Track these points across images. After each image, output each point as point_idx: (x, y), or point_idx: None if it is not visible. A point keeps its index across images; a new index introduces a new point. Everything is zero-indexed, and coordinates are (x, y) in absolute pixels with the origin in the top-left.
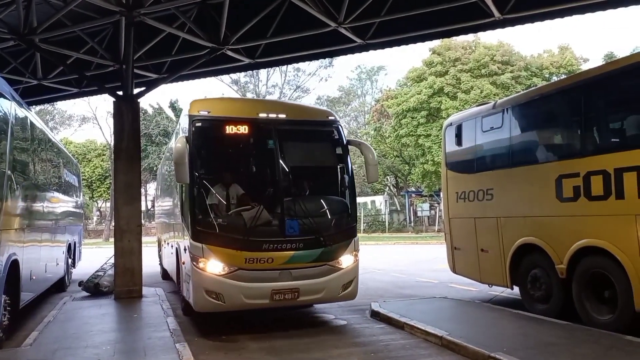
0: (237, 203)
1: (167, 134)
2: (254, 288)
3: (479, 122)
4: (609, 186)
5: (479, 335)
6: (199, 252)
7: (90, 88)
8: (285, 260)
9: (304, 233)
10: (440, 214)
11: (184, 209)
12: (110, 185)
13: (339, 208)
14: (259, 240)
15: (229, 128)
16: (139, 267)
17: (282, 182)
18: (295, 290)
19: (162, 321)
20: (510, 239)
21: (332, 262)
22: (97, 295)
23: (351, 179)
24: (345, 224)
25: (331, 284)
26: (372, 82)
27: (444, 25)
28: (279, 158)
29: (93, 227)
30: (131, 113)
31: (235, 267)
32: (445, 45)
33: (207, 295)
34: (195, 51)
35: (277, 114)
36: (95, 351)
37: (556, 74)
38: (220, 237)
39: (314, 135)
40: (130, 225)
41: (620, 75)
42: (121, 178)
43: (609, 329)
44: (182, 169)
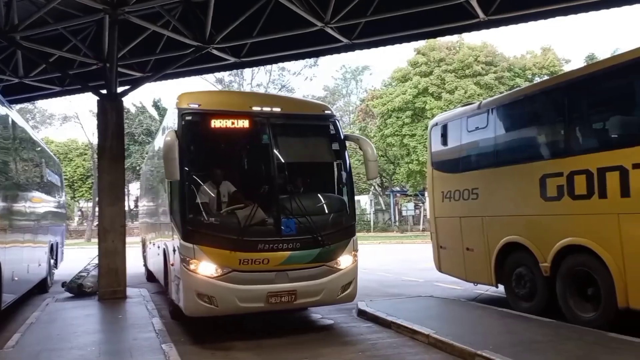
0: (230, 201)
1: (150, 133)
2: (249, 291)
3: (464, 122)
4: (592, 185)
5: (465, 333)
6: (190, 253)
7: (73, 87)
8: (282, 261)
9: (301, 232)
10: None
11: (173, 207)
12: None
13: (337, 206)
14: (253, 240)
15: (221, 122)
16: (123, 268)
17: (277, 179)
18: (292, 292)
19: (147, 322)
20: (495, 238)
21: (330, 262)
22: (81, 296)
23: (349, 176)
24: (343, 223)
25: (330, 286)
26: (357, 82)
27: (430, 26)
28: (273, 153)
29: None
30: (115, 112)
31: (229, 268)
32: (429, 46)
33: (199, 299)
34: (180, 50)
35: (272, 107)
36: (80, 352)
37: (539, 75)
38: (213, 237)
39: (310, 129)
40: (114, 225)
41: (602, 77)
42: (105, 177)
43: (592, 326)
44: (171, 165)
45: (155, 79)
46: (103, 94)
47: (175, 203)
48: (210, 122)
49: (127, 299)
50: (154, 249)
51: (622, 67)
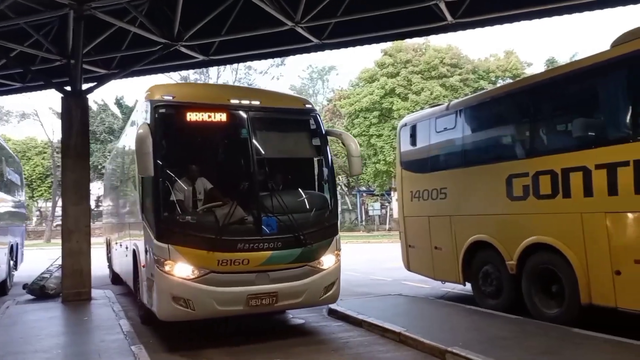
0: (207, 198)
1: (112, 132)
2: (228, 293)
3: (432, 123)
4: (557, 185)
5: (434, 331)
6: (164, 253)
7: (35, 83)
8: (263, 261)
9: (283, 231)
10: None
11: (146, 205)
12: (52, 184)
13: (320, 203)
14: (232, 240)
15: (197, 115)
16: (87, 269)
17: (257, 175)
18: (273, 294)
19: (114, 324)
20: (462, 237)
21: (312, 262)
22: (43, 298)
23: (331, 172)
24: (326, 221)
25: (312, 287)
26: (324, 82)
27: (399, 28)
28: (253, 148)
29: (33, 228)
30: (80, 109)
31: (207, 269)
32: (396, 47)
33: (175, 302)
34: (147, 47)
35: (250, 100)
36: (46, 355)
37: (502, 77)
38: (189, 237)
39: (290, 124)
40: (79, 225)
41: (565, 80)
42: (69, 176)
43: (556, 322)
44: (145, 160)
45: (121, 76)
46: (67, 91)
47: (148, 201)
48: (186, 115)
49: (92, 300)
50: (120, 249)
51: (583, 71)
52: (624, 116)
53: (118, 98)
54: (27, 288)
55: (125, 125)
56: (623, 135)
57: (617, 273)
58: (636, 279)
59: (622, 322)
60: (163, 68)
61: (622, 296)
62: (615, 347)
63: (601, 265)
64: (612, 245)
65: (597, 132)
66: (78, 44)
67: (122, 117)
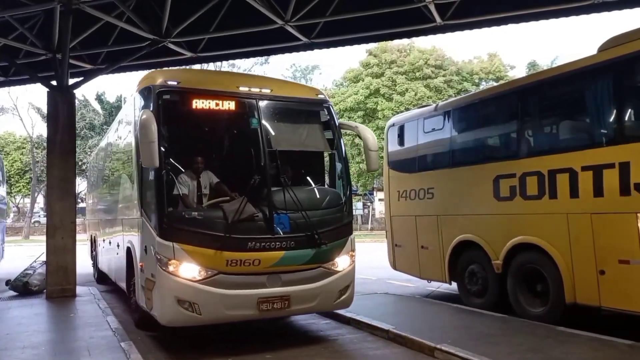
0: (213, 193)
1: (93, 128)
2: (238, 296)
3: (420, 124)
4: (543, 186)
5: (423, 328)
6: (169, 252)
7: (20, 77)
8: (275, 262)
9: (296, 230)
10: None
11: (146, 199)
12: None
13: (334, 200)
14: (243, 238)
15: (204, 103)
16: (72, 265)
17: (268, 169)
18: (285, 298)
19: (102, 320)
20: (449, 236)
21: (327, 264)
22: (27, 294)
23: (345, 167)
24: (341, 219)
25: (326, 290)
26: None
27: (388, 28)
28: (263, 140)
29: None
30: (66, 105)
31: (215, 270)
32: (381, 48)
33: (179, 306)
34: (135, 42)
35: (261, 89)
36: (35, 352)
37: (485, 79)
38: (196, 235)
39: (303, 115)
40: (64, 221)
41: (553, 83)
42: (55, 172)
43: (541, 321)
44: (149, 149)
45: (108, 71)
46: (54, 85)
47: (149, 194)
48: (191, 103)
49: (76, 297)
50: (109, 247)
51: (571, 75)
52: (609, 119)
53: (99, 94)
54: (9, 284)
55: (112, 120)
56: (609, 138)
57: (601, 273)
58: (620, 279)
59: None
60: (150, 64)
61: (605, 296)
62: (600, 344)
63: (586, 265)
64: (596, 245)
65: (583, 135)
66: (65, 38)
67: (103, 112)
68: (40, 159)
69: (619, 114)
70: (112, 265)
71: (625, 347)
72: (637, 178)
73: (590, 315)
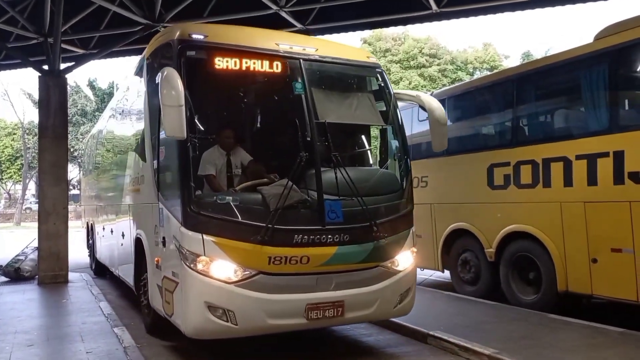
0: (248, 174)
1: (85, 114)
2: (283, 302)
3: (415, 112)
4: (537, 175)
5: (416, 315)
6: (197, 247)
7: (11, 61)
8: (326, 259)
9: (351, 220)
10: None
11: (166, 181)
12: (22, 166)
13: (393, 184)
14: (288, 230)
15: (237, 63)
16: (65, 251)
17: (316, 146)
18: (339, 304)
19: (94, 306)
20: (442, 225)
21: (386, 262)
22: (19, 280)
23: (404, 145)
24: (401, 208)
25: (386, 294)
26: None
27: (383, 15)
28: (310, 110)
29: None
30: (58, 89)
31: (254, 270)
32: (376, 36)
33: (211, 314)
34: (127, 27)
35: (304, 47)
36: (27, 337)
37: (479, 69)
38: (232, 225)
39: (354, 81)
40: (57, 207)
41: (548, 72)
42: (46, 157)
43: (533, 309)
44: (175, 115)
45: (100, 56)
46: (45, 70)
47: (170, 175)
48: (222, 62)
49: (69, 283)
50: (112, 237)
51: (566, 63)
52: (604, 107)
53: (91, 80)
54: (1, 270)
55: (104, 106)
56: (604, 127)
57: (593, 261)
58: (612, 267)
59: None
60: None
61: (597, 284)
62: (592, 332)
63: (578, 253)
64: (589, 234)
65: (578, 123)
66: (57, 22)
67: (95, 99)
68: (32, 145)
69: (614, 103)
70: (115, 257)
71: (617, 334)
72: (631, 167)
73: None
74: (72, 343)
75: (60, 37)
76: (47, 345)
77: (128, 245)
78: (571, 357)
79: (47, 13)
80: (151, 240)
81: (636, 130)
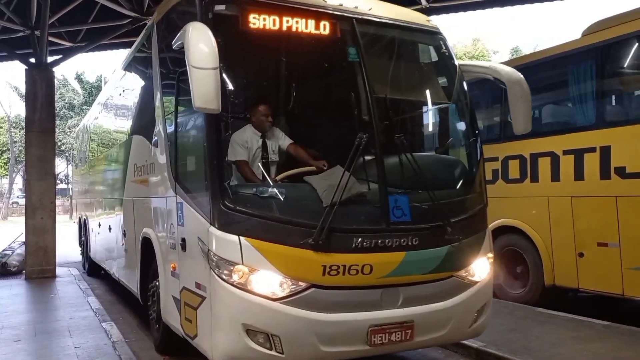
0: (288, 161)
1: (72, 107)
2: (340, 324)
3: None
4: (525, 170)
5: None
6: (233, 253)
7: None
8: (393, 268)
9: (420, 218)
10: None
11: (187, 169)
12: (9, 160)
13: (465, 175)
14: (347, 232)
15: (278, 21)
16: (52, 246)
17: (376, 126)
18: (408, 325)
19: (82, 301)
20: None
21: (461, 271)
22: (5, 275)
23: (473, 127)
24: (475, 204)
25: (461, 312)
26: None
27: None
28: (368, 82)
29: None
30: (45, 82)
31: (306, 282)
32: None
33: (250, 339)
34: (116, 20)
35: (357, 5)
36: (14, 332)
37: None
38: (277, 226)
39: (414, 48)
40: (44, 201)
41: (534, 67)
42: (33, 152)
43: (520, 302)
44: (208, 80)
45: (88, 49)
46: (32, 63)
47: (194, 161)
48: (259, 21)
49: (57, 278)
50: (109, 235)
51: (554, 59)
52: (591, 103)
53: (79, 74)
54: None
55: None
56: (591, 122)
57: (580, 255)
58: (598, 261)
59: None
60: (131, 43)
61: (584, 278)
62: (577, 325)
63: (565, 247)
64: (576, 228)
65: (566, 119)
66: (44, 14)
67: (83, 92)
68: (19, 139)
69: (601, 98)
70: (114, 259)
71: (602, 327)
72: (618, 162)
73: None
74: (60, 338)
75: (48, 30)
76: (34, 340)
77: (132, 246)
78: (557, 350)
79: (34, 5)
80: (164, 242)
81: (622, 126)
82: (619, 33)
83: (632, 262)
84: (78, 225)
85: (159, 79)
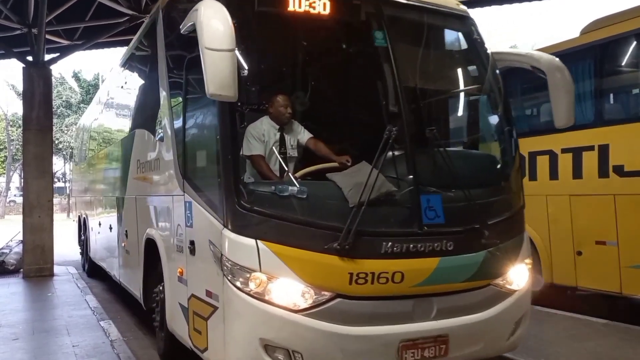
0: (309, 156)
1: (70, 106)
2: (368, 338)
3: None
4: (523, 168)
5: None
6: (250, 258)
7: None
8: (426, 276)
9: (454, 221)
10: None
11: (196, 165)
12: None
13: (503, 173)
14: (375, 236)
15: (295, 3)
16: (50, 244)
17: (406, 118)
18: (442, 339)
19: (80, 299)
20: None
21: (499, 279)
22: (3, 273)
23: (508, 119)
24: (512, 204)
25: (498, 324)
26: None
27: None
28: (396, 70)
29: None
30: (42, 80)
31: (331, 292)
32: None
33: (268, 356)
34: (113, 18)
35: None
36: (12, 330)
37: None
38: (298, 229)
39: (444, 34)
40: (41, 200)
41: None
42: (31, 150)
43: None
44: (224, 64)
45: (85, 47)
46: (29, 61)
47: (205, 156)
48: (280, 1)
49: (54, 276)
50: (110, 235)
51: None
52: (590, 101)
53: (76, 72)
54: None
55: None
56: (589, 121)
57: (578, 254)
58: (596, 260)
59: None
60: (128, 41)
61: (582, 276)
62: (576, 323)
63: (563, 246)
64: (574, 226)
65: None
66: (42, 12)
67: (80, 91)
68: (16, 137)
69: (599, 97)
70: (115, 260)
71: (600, 325)
72: (616, 160)
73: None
74: (58, 337)
75: (45, 28)
76: (32, 339)
77: (134, 247)
78: (555, 349)
79: (31, 3)
80: (170, 244)
81: (621, 124)
82: (617, 31)
83: (630, 260)
84: (77, 224)
85: (165, 68)
